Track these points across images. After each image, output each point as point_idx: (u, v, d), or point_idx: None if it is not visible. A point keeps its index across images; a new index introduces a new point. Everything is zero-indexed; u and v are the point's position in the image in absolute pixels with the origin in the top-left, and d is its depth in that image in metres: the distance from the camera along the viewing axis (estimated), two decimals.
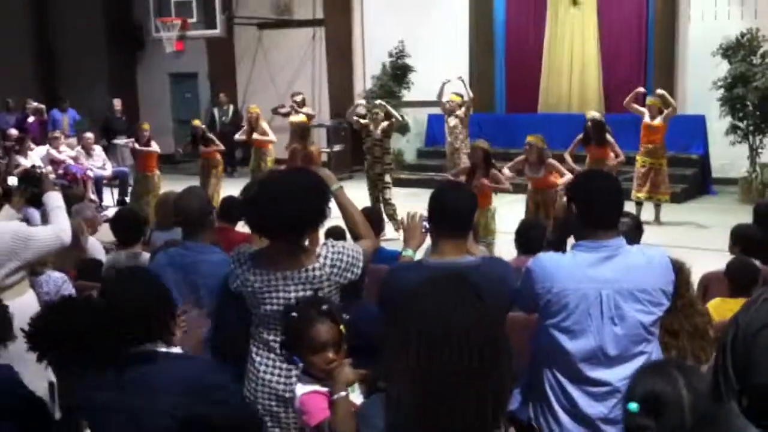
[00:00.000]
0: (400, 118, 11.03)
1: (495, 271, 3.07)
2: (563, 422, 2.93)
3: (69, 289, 4.58)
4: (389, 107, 10.72)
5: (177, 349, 2.61)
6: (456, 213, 3.11)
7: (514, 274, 3.18)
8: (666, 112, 10.65)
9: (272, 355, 3.02)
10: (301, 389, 2.32)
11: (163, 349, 2.56)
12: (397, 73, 15.50)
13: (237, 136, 12.75)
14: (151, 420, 2.41)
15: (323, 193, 3.08)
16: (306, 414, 2.25)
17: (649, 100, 11.03)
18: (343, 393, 2.21)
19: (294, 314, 2.39)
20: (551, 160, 8.71)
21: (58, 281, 4.61)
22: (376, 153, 10.58)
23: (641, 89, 11.26)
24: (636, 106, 10.83)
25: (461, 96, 12.06)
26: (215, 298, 3.44)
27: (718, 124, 12.64)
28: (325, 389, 2.27)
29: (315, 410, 2.22)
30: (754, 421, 1.14)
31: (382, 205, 10.21)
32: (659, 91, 11.13)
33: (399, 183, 11.53)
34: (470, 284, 2.04)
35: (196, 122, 12.60)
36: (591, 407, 2.89)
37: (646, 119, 10.73)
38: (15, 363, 3.05)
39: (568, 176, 8.21)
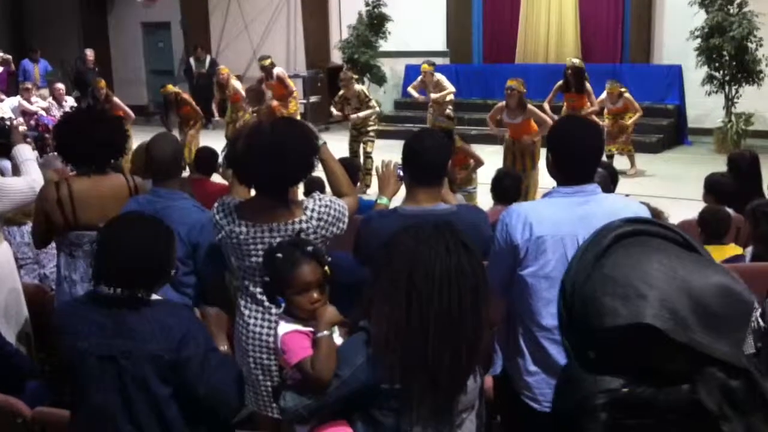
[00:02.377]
0: (377, 108, 10.85)
1: (469, 218, 3.07)
2: (537, 375, 2.89)
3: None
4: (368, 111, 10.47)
5: (156, 296, 2.59)
6: (429, 161, 3.10)
7: (488, 222, 3.18)
8: (634, 117, 10.66)
9: (261, 308, 3.01)
10: (282, 329, 2.32)
11: (154, 297, 2.54)
12: (374, 22, 15.28)
13: (213, 105, 12.72)
14: (135, 365, 2.43)
15: (312, 145, 3.05)
16: (287, 353, 2.26)
17: (607, 86, 10.67)
18: (326, 332, 2.24)
19: (279, 255, 2.39)
20: (531, 107, 8.68)
21: None
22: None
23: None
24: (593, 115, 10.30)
25: (434, 64, 11.49)
26: (184, 244, 3.43)
27: (694, 74, 12.64)
28: (306, 329, 2.28)
29: (297, 348, 2.23)
30: (606, 371, 1.11)
31: (363, 158, 10.20)
32: (626, 95, 10.77)
33: (376, 134, 11.45)
34: (456, 232, 2.09)
35: (169, 88, 12.33)
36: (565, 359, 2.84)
37: (609, 106, 10.66)
38: None
39: (549, 122, 8.20)
